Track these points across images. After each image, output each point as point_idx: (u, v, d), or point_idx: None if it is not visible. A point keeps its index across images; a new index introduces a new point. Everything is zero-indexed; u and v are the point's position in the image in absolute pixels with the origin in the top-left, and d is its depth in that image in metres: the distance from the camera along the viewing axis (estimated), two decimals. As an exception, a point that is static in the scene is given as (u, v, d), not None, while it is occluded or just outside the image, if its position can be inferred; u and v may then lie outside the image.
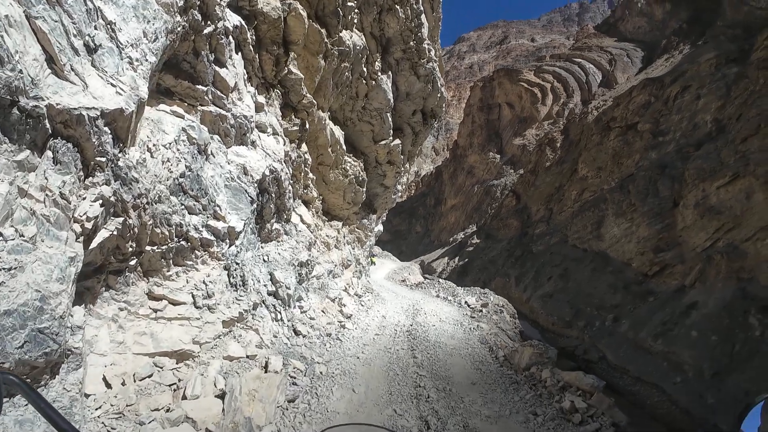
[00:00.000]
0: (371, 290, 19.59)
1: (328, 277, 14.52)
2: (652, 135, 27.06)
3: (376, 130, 17.45)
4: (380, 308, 16.91)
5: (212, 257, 8.13)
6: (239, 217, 8.81)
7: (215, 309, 7.69)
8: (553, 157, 40.45)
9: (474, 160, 53.89)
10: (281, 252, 11.28)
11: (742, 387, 13.05)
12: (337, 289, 14.64)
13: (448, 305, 20.24)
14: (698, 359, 15.04)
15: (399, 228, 62.44)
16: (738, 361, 14.11)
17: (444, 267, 42.15)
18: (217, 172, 8.48)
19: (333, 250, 16.22)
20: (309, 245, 13.00)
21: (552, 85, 49.04)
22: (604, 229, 27.10)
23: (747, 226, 17.34)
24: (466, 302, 20.82)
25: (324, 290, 13.67)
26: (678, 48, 38.43)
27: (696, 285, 18.72)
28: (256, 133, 10.36)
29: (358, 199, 18.59)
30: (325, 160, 15.47)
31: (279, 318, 9.95)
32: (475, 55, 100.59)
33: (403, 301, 19.43)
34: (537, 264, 31.39)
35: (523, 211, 39.88)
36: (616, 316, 20.54)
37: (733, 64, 23.11)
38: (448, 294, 23.60)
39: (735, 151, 18.83)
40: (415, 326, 14.55)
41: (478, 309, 19.75)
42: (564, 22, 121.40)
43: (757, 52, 20.24)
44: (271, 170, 10.31)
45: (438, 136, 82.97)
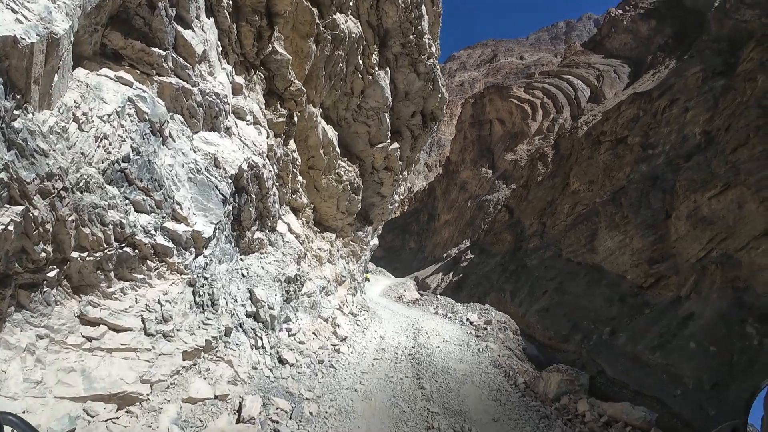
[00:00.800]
0: (367, 308, 18.51)
1: (321, 294, 13.25)
2: (641, 148, 27.29)
3: (372, 132, 16.22)
4: (378, 328, 15.84)
5: (172, 270, 6.50)
6: (208, 219, 7.08)
7: (174, 337, 6.05)
8: (544, 171, 40.66)
9: (466, 175, 54.11)
10: (265, 266, 9.87)
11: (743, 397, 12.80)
12: (330, 308, 13.54)
13: (449, 323, 19.29)
14: (697, 371, 14.82)
15: (393, 244, 62.17)
16: (737, 371, 13.91)
17: (438, 283, 41.83)
18: (179, 160, 6.68)
19: (326, 265, 15.19)
20: (298, 258, 11.85)
21: (542, 101, 49.69)
22: (598, 242, 27.07)
23: (740, 236, 17.34)
24: (468, 319, 19.96)
25: (316, 309, 12.40)
26: (664, 63, 39.20)
27: (692, 296, 18.61)
28: (232, 119, 8.69)
29: (353, 208, 17.39)
30: (317, 163, 14.14)
31: (260, 345, 8.46)
32: (466, 73, 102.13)
33: (402, 320, 18.38)
34: (532, 278, 31.21)
35: (517, 225, 39.87)
36: (613, 329, 20.32)
37: (720, 77, 23.51)
38: (448, 311, 22.70)
39: (725, 162, 18.97)
40: (417, 348, 13.43)
41: (482, 326, 18.86)
42: (551, 41, 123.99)
43: (743, 64, 20.61)
44: (250, 165, 8.70)
45: (430, 152, 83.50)
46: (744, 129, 18.48)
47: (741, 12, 26.40)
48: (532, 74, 61.35)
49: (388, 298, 28.90)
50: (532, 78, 57.42)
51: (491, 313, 21.67)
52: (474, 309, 22.69)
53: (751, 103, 18.80)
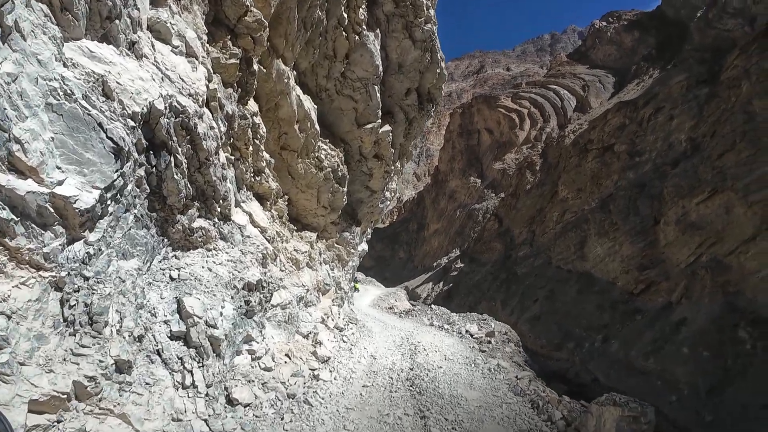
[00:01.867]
0: (355, 321, 16.48)
1: (298, 305, 11.28)
2: (628, 155, 27.53)
3: (360, 109, 13.38)
4: (368, 344, 13.94)
5: (19, 261, 4.00)
6: (87, 180, 4.45)
7: (12, 376, 3.64)
8: (533, 180, 40.88)
9: (455, 184, 54.20)
10: (213, 267, 7.67)
11: (740, 402, 12.70)
12: (311, 322, 11.68)
13: (447, 336, 17.50)
14: (692, 376, 14.70)
15: (382, 254, 61.79)
16: (732, 376, 13.81)
17: (429, 292, 41.52)
18: (30, 71, 3.98)
19: (304, 270, 12.88)
20: (264, 259, 9.72)
21: (529, 110, 50.17)
22: (588, 249, 27.09)
23: (729, 240, 17.41)
24: (467, 331, 18.38)
25: (293, 324, 10.52)
26: (648, 73, 39.87)
27: (683, 301, 18.59)
28: (146, 37, 5.95)
29: (337, 203, 14.78)
30: (291, 142, 11.25)
31: (189, 382, 5.91)
32: (454, 84, 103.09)
33: (395, 333, 16.57)
34: (522, 286, 31.10)
35: (506, 234, 39.88)
36: (605, 336, 20.19)
37: (704, 84, 23.88)
38: (443, 321, 21.04)
39: (712, 168, 19.13)
40: (417, 371, 11.33)
41: (485, 339, 17.24)
42: (537, 52, 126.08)
43: (727, 71, 20.92)
44: (173, 108, 5.92)
45: (419, 162, 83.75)
46: (730, 135, 18.69)
47: (724, 21, 26.97)
48: (519, 84, 62.09)
49: (379, 309, 26.83)
50: (519, 88, 58.07)
51: (491, 324, 20.19)
52: (472, 319, 21.33)
53: (736, 109, 19.04)
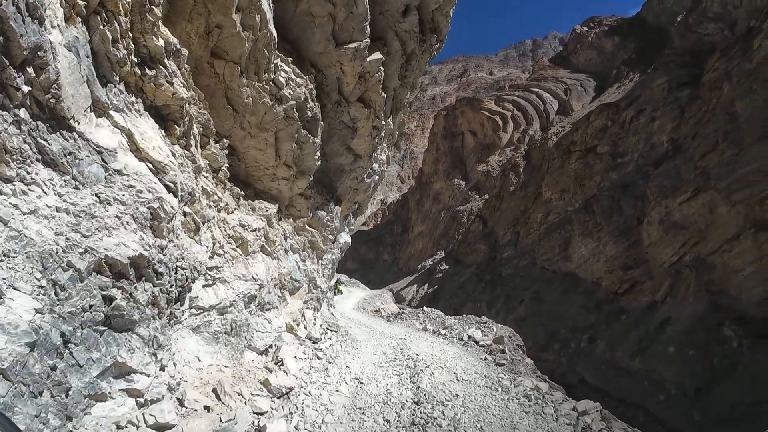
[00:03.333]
0: (336, 327, 13.43)
1: (248, 308, 8.19)
2: (611, 157, 27.72)
3: (339, 17, 9.30)
4: (351, 359, 10.66)
5: None
6: None
7: None
8: (516, 181, 40.99)
9: (439, 186, 54.16)
10: (18, 217, 3.68)
11: (728, 401, 12.65)
12: (270, 332, 8.64)
13: (448, 344, 14.69)
14: (679, 376, 14.66)
15: (366, 257, 61.33)
16: (719, 375, 13.80)
17: (414, 294, 41.19)
18: None
19: (257, 258, 9.00)
20: (154, 220, 5.34)
21: (512, 113, 50.49)
22: (572, 249, 27.15)
23: (712, 240, 17.53)
24: (470, 337, 16.03)
25: (239, 336, 7.66)
26: (628, 77, 40.45)
27: (667, 300, 18.65)
28: None
29: (307, 161, 10.65)
30: (229, 45, 7.16)
31: None
32: (437, 87, 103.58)
33: (384, 342, 13.33)
34: (507, 288, 31.02)
35: (490, 235, 39.85)
36: (591, 336, 20.15)
37: (685, 87, 24.18)
38: (438, 326, 18.61)
39: (694, 168, 19.29)
40: (425, 405, 7.89)
41: (496, 348, 14.56)
42: (519, 57, 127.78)
43: (708, 74, 21.19)
44: None
45: (403, 164, 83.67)
46: (712, 135, 18.87)
47: (704, 26, 27.46)
48: (503, 88, 62.58)
49: (364, 312, 24.30)
50: (503, 91, 58.49)
51: (492, 327, 18.16)
52: (469, 322, 19.29)
53: (718, 110, 19.26)
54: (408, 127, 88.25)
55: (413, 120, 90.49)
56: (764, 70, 17.15)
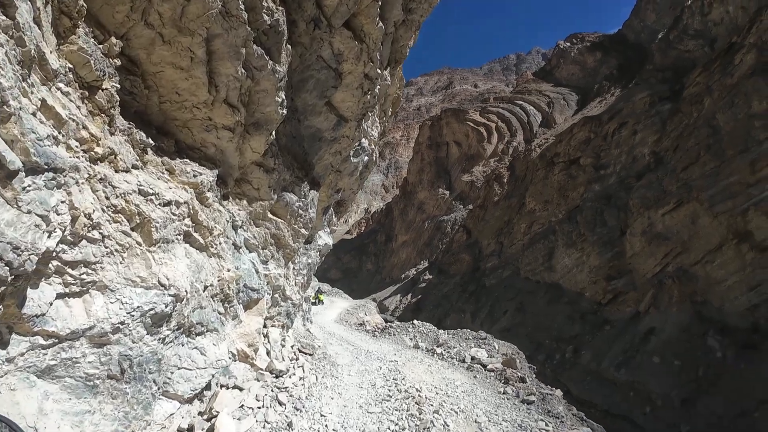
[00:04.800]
0: (312, 349, 11.07)
1: (156, 333, 5.02)
2: (594, 168, 27.99)
3: None
4: (328, 400, 7.98)
5: None
6: None
7: None
8: (500, 192, 41.17)
9: (424, 196, 54.09)
10: None
11: (715, 412, 12.55)
12: (203, 370, 5.89)
13: (449, 368, 12.53)
14: (665, 387, 14.55)
15: (350, 266, 60.69)
16: (705, 385, 13.73)
17: (397, 304, 40.74)
18: None
19: (176, 251, 5.63)
20: None
21: (496, 124, 50.93)
22: (556, 260, 27.18)
23: (695, 250, 17.63)
24: (474, 358, 13.79)
25: (137, 382, 4.69)
26: (610, 91, 41.26)
27: (651, 311, 18.65)
28: None
29: (264, 104, 7.13)
30: None
31: None
32: (423, 98, 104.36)
33: (372, 367, 10.99)
34: (491, 298, 30.86)
35: (474, 245, 39.79)
36: (576, 347, 20.01)
37: (666, 101, 24.60)
38: (432, 342, 16.30)
39: (677, 180, 19.48)
40: None
41: (515, 376, 12.28)
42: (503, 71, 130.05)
43: (689, 88, 21.57)
44: None
45: (387, 173, 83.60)
46: (694, 148, 19.12)
47: (684, 42, 28.10)
48: (487, 100, 63.24)
49: (347, 326, 21.87)
50: (488, 103, 59.07)
51: (493, 344, 16.21)
52: (466, 338, 17.22)
53: (699, 123, 19.55)
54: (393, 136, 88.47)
55: (398, 130, 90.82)
56: (745, 85, 17.48)
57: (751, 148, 16.63)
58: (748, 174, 16.25)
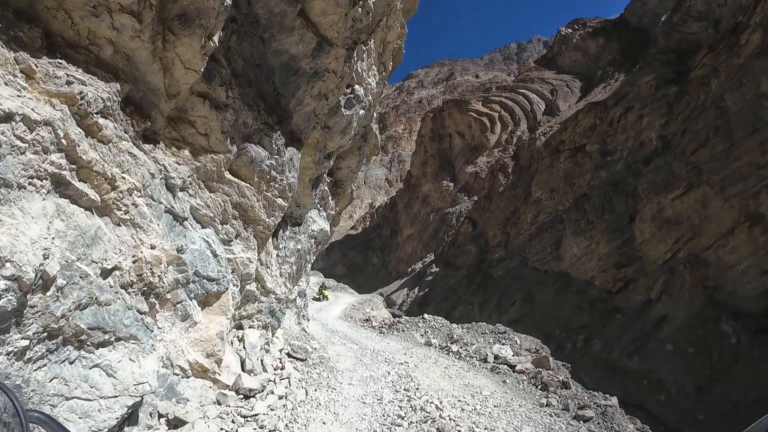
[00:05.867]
0: (305, 352, 9.50)
1: (20, 354, 3.03)
2: (600, 155, 27.63)
3: None
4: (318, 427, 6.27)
5: None
6: None
7: None
8: (505, 182, 40.81)
9: (428, 189, 53.80)
10: None
11: (731, 398, 12.32)
12: (109, 400, 3.90)
13: (470, 370, 10.87)
14: (678, 374, 14.33)
15: (355, 261, 60.65)
16: (720, 372, 13.50)
17: (404, 298, 40.63)
18: None
19: (35, 207, 3.20)
20: None
21: (499, 114, 50.44)
22: (563, 249, 26.90)
23: (706, 235, 17.32)
24: (498, 357, 11.95)
25: None
26: (614, 77, 40.64)
27: (662, 297, 18.38)
28: None
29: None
30: None
31: None
32: (424, 91, 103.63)
33: (379, 372, 9.34)
34: (499, 289, 30.65)
35: (480, 236, 39.53)
36: (586, 336, 19.80)
37: (672, 84, 24.14)
38: (445, 338, 14.66)
39: (686, 163, 19.13)
40: None
41: (555, 381, 10.26)
42: (504, 61, 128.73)
43: (696, 70, 21.15)
44: None
45: (391, 167, 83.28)
46: (703, 131, 18.74)
47: (688, 25, 27.55)
48: (489, 89, 62.66)
49: (352, 322, 20.28)
50: (490, 92, 58.51)
51: (514, 338, 14.57)
52: (482, 332, 15.60)
53: (707, 105, 19.15)
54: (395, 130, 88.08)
55: (400, 123, 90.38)
56: (753, 65, 17.07)
57: (760, 128, 16.26)
58: (758, 155, 15.89)
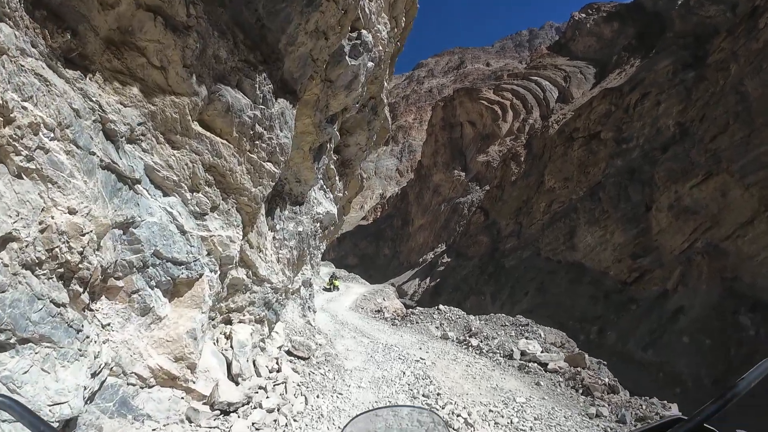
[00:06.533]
0: (309, 349, 8.46)
1: None
2: (615, 143, 27.05)
3: None
4: None
5: None
6: None
7: None
8: (518, 171, 40.31)
9: (439, 178, 53.46)
10: None
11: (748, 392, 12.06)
12: None
13: (496, 368, 9.72)
14: (695, 367, 14.08)
15: (366, 251, 60.78)
16: (737, 365, 13.21)
17: (416, 288, 40.65)
18: None
19: None
20: None
21: (511, 102, 49.71)
22: (577, 239, 26.53)
23: (726, 224, 16.90)
24: (527, 354, 10.67)
25: None
26: (629, 62, 39.67)
27: (679, 289, 18.04)
28: None
29: None
30: None
31: None
32: (434, 80, 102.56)
33: (393, 371, 8.42)
34: (511, 279, 30.43)
35: (492, 226, 39.22)
36: (600, 327, 19.57)
37: (690, 69, 23.45)
38: (463, 331, 13.62)
39: (705, 151, 18.62)
40: None
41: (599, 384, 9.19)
42: (516, 48, 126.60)
43: (714, 54, 20.50)
44: None
45: (401, 158, 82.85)
46: (722, 117, 18.19)
47: (705, 8, 26.67)
48: (501, 77, 61.71)
49: (363, 313, 19.49)
50: (501, 80, 57.64)
51: (537, 330, 13.73)
52: (503, 325, 14.65)
53: (727, 91, 18.56)
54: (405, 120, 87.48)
55: (411, 113, 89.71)
56: (777, 47, 16.45)
57: (784, 114, 15.72)
58: (782, 142, 15.39)
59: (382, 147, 79.33)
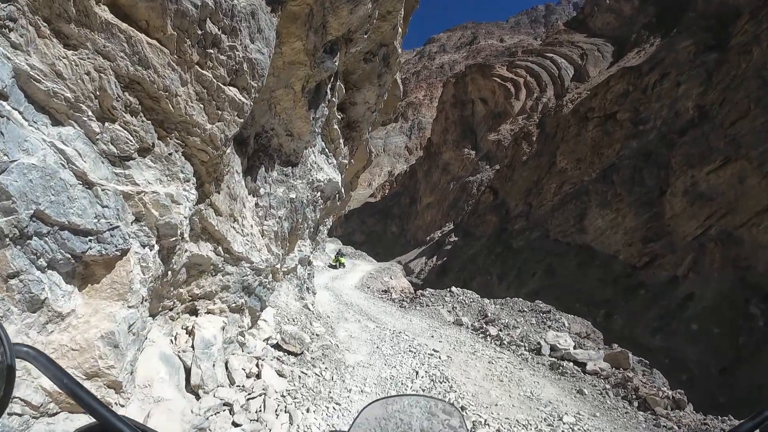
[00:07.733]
0: (301, 342, 7.02)
1: None
2: (632, 124, 26.45)
3: None
4: None
5: None
6: None
7: None
8: (529, 151, 39.72)
9: (449, 156, 52.93)
10: None
11: (755, 382, 12.07)
12: None
13: (525, 368, 8.51)
14: (702, 355, 14.07)
15: (374, 229, 60.90)
16: (745, 355, 13.18)
17: (422, 267, 40.81)
18: None
19: None
20: None
21: (525, 79, 48.60)
22: (588, 221, 26.28)
23: (741, 212, 16.58)
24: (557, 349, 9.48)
25: None
26: (648, 41, 38.42)
27: (690, 275, 17.89)
28: None
29: None
30: None
31: None
32: (446, 56, 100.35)
33: (404, 367, 7.55)
34: (519, 261, 30.37)
35: (501, 206, 38.95)
36: (608, 311, 19.56)
37: (712, 50, 22.64)
38: (477, 316, 12.63)
39: (724, 135, 18.14)
40: None
41: (663, 397, 7.32)
42: (531, 24, 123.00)
43: (737, 37, 19.75)
44: None
45: (411, 135, 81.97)
46: (743, 101, 17.62)
47: (731, -13, 25.57)
48: (515, 53, 60.20)
49: (369, 293, 18.38)
50: (515, 57, 56.24)
51: (561, 319, 12.59)
52: (521, 310, 13.63)
53: (748, 74, 17.93)
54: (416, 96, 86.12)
55: (421, 89, 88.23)
56: (808, 28, 15.76)
57: (811, 99, 15.18)
58: (806, 128, 14.90)
59: (391, 124, 78.47)
